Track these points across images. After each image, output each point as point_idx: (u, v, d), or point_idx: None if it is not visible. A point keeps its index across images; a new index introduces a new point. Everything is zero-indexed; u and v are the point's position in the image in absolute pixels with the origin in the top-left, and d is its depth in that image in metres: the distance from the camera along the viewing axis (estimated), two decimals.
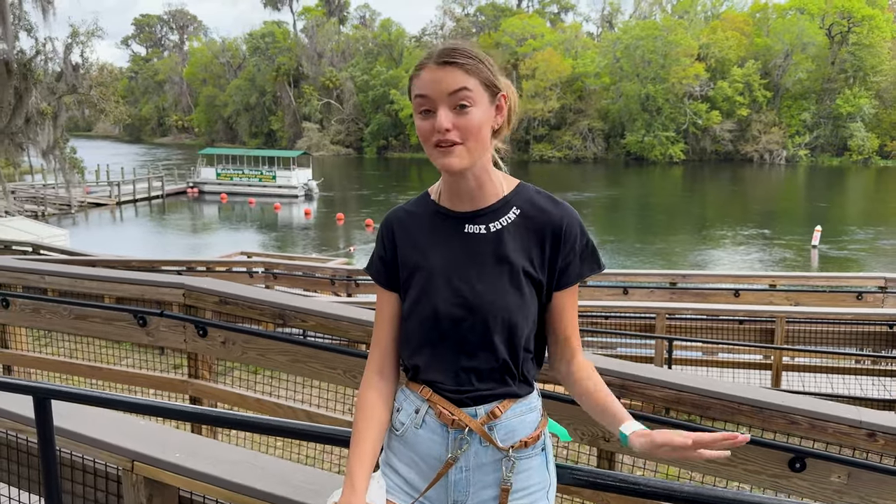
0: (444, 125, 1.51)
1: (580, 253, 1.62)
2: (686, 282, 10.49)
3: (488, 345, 1.59)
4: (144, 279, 4.61)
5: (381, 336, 1.72)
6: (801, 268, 25.92)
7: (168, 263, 14.10)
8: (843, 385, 7.61)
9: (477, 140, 1.54)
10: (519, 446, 1.61)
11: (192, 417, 2.01)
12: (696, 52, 69.18)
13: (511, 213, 1.62)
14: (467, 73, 1.52)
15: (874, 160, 67.56)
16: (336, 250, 28.57)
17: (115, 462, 2.35)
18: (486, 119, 1.56)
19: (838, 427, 3.03)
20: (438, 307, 1.60)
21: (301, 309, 4.00)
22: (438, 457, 1.62)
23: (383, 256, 1.71)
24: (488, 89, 1.56)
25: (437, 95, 1.52)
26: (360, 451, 1.61)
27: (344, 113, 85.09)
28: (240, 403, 4.35)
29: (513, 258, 1.59)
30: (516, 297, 1.58)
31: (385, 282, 1.70)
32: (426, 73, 1.54)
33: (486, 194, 1.62)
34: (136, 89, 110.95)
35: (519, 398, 1.64)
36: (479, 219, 1.62)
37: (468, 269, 1.61)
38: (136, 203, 44.91)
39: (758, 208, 42.32)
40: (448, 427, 1.61)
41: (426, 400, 1.64)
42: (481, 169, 1.60)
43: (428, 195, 1.72)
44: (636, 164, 69.75)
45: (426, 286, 1.62)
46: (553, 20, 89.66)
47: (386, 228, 1.72)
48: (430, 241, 1.65)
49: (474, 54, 1.55)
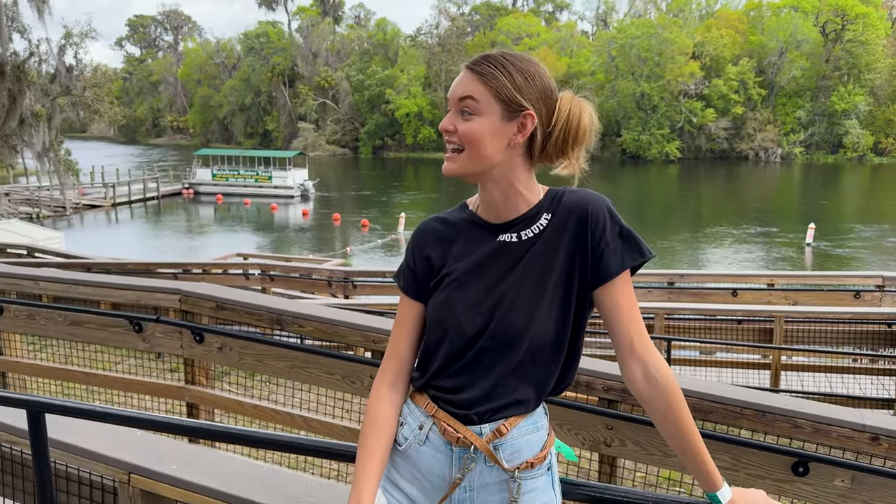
0: (444, 126, 1.54)
1: (613, 240, 1.51)
2: (684, 281, 10.47)
3: (508, 356, 1.54)
4: (140, 284, 4.57)
5: (400, 346, 1.67)
6: (798, 266, 25.95)
7: (164, 266, 14.04)
8: (841, 384, 7.61)
9: (476, 150, 1.51)
10: (525, 467, 1.57)
11: (192, 432, 1.98)
12: (690, 51, 69.26)
13: (542, 219, 1.57)
14: (483, 82, 1.50)
15: (869, 157, 67.73)
16: (333, 251, 28.51)
17: (112, 474, 2.32)
18: (491, 132, 1.50)
19: (842, 431, 3.01)
20: (463, 315, 1.56)
21: (299, 314, 3.96)
22: (441, 475, 1.58)
23: (412, 266, 1.66)
24: (503, 103, 1.50)
25: (451, 97, 1.54)
26: (369, 469, 1.57)
27: (339, 113, 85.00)
28: (237, 410, 4.32)
29: (542, 263, 1.54)
30: (545, 305, 1.53)
31: (413, 292, 1.66)
32: (458, 76, 1.56)
33: (516, 206, 1.58)
34: (131, 90, 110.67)
35: (526, 412, 1.59)
36: (513, 228, 1.58)
37: (497, 279, 1.56)
38: (132, 204, 44.78)
39: (754, 206, 42.38)
40: (452, 445, 1.57)
41: (431, 416, 1.59)
42: (506, 183, 1.56)
43: (466, 205, 1.69)
44: (632, 162, 69.82)
45: (454, 293, 1.58)
46: (548, 19, 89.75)
47: (417, 238, 1.68)
48: (462, 250, 1.61)
49: (505, 66, 1.51)
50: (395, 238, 31.46)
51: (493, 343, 1.54)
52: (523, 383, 1.56)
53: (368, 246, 30.26)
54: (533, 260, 1.55)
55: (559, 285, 1.53)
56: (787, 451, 3.05)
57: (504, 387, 1.55)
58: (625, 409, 3.40)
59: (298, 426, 4.15)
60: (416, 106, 78.50)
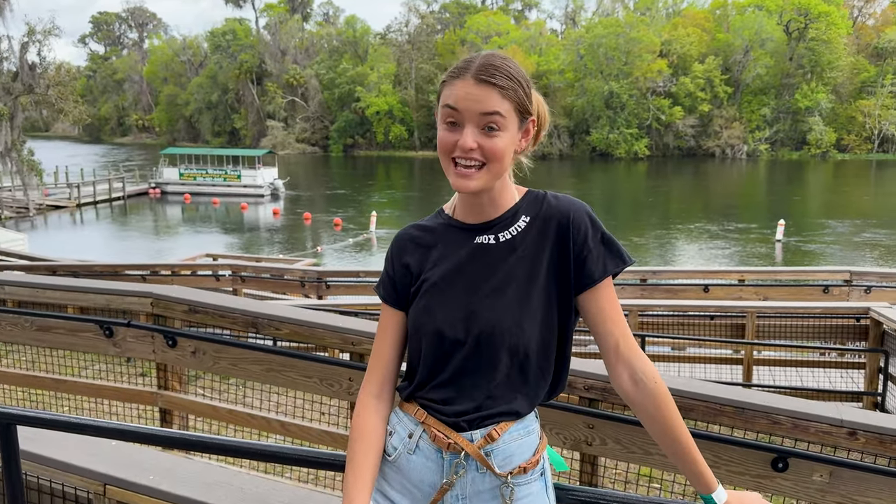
0: (469, 144, 1.46)
1: (595, 247, 1.51)
2: (656, 278, 10.57)
3: (494, 364, 1.52)
4: (110, 288, 4.46)
5: (383, 356, 1.64)
6: (768, 261, 26.38)
7: (132, 268, 13.80)
8: (812, 378, 7.73)
9: (500, 164, 1.49)
10: (518, 472, 1.54)
11: (170, 442, 1.92)
12: (658, 49, 70.06)
13: (521, 221, 1.56)
14: (504, 96, 1.46)
15: (832, 154, 69.14)
16: (304, 251, 28.29)
17: (86, 486, 2.25)
18: (512, 144, 1.50)
19: (820, 426, 3.04)
20: (443, 324, 1.53)
21: (275, 316, 3.89)
22: (433, 483, 1.55)
23: (391, 274, 1.64)
24: (520, 114, 1.50)
25: (468, 113, 1.46)
26: (360, 482, 1.53)
27: (309, 111, 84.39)
28: (211, 415, 4.24)
29: (522, 268, 1.52)
30: (527, 311, 1.51)
31: (393, 301, 1.64)
32: (461, 85, 1.47)
33: (498, 207, 1.57)
34: (95, 88, 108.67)
35: (517, 419, 1.56)
36: (490, 230, 1.57)
37: (476, 282, 1.54)
38: (97, 205, 43.96)
39: (722, 203, 43.01)
40: (443, 451, 1.53)
41: (420, 423, 1.56)
42: (499, 186, 1.55)
43: (442, 210, 1.67)
44: (601, 160, 70.40)
45: (435, 301, 1.55)
46: (517, 17, 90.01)
47: (395, 246, 1.66)
48: (441, 254, 1.59)
49: (514, 75, 1.49)
50: (367, 237, 31.31)
51: (475, 351, 1.51)
52: (514, 394, 1.54)
53: (340, 245, 30.08)
54: (514, 266, 1.53)
55: (542, 291, 1.52)
56: (767, 448, 3.08)
57: (494, 398, 1.53)
58: (605, 407, 3.41)
59: (275, 430, 4.09)
60: (387, 104, 78.25)
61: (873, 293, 8.93)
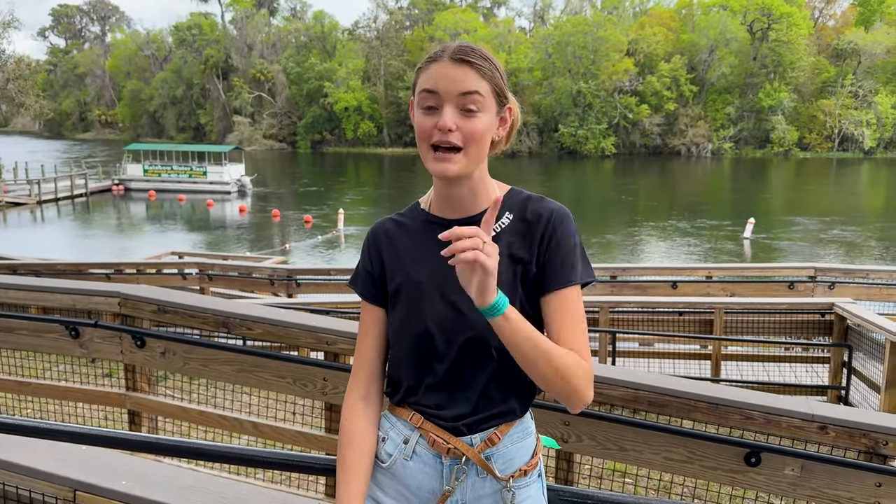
0: (448, 124, 1.41)
1: (565, 254, 1.48)
2: (626, 275, 10.67)
3: (484, 363, 1.48)
4: (76, 287, 4.34)
5: (368, 356, 1.59)
6: (735, 258, 26.81)
7: (96, 266, 13.50)
8: (778, 373, 7.86)
9: (478, 147, 1.45)
10: (518, 475, 1.52)
11: (149, 448, 1.87)
12: (625, 48, 70.79)
13: (504, 217, 1.52)
14: (481, 76, 1.44)
15: (794, 152, 70.59)
16: (272, 248, 28.01)
17: (56, 492, 2.18)
18: (491, 128, 1.47)
19: (791, 421, 3.08)
20: (432, 323, 1.49)
21: (247, 316, 3.83)
22: (432, 490, 1.51)
23: (370, 270, 1.59)
24: (497, 98, 1.48)
25: (446, 93, 1.42)
26: (354, 487, 1.50)
27: (276, 106, 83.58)
28: (182, 416, 4.16)
29: (507, 266, 1.48)
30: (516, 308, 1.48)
31: (372, 297, 1.59)
32: (438, 67, 1.44)
33: (480, 202, 1.53)
34: (56, 83, 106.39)
35: (515, 420, 1.54)
36: (473, 226, 1.53)
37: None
38: (59, 202, 42.99)
39: (689, 200, 43.59)
40: (442, 457, 1.50)
41: (417, 428, 1.52)
42: (477, 178, 1.51)
43: (418, 205, 1.62)
44: (570, 157, 70.91)
45: (417, 301, 1.51)
46: (486, 15, 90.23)
47: (372, 240, 1.60)
48: (421, 253, 1.54)
49: (490, 58, 1.46)
50: (335, 235, 31.11)
51: (465, 351, 1.48)
52: (505, 392, 1.51)
53: (309, 243, 29.84)
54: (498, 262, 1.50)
55: (523, 288, 1.49)
56: (740, 443, 3.12)
57: (487, 398, 1.50)
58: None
59: (247, 432, 4.03)
60: (356, 100, 77.84)
61: (837, 289, 9.13)
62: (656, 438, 3.20)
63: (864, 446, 3.02)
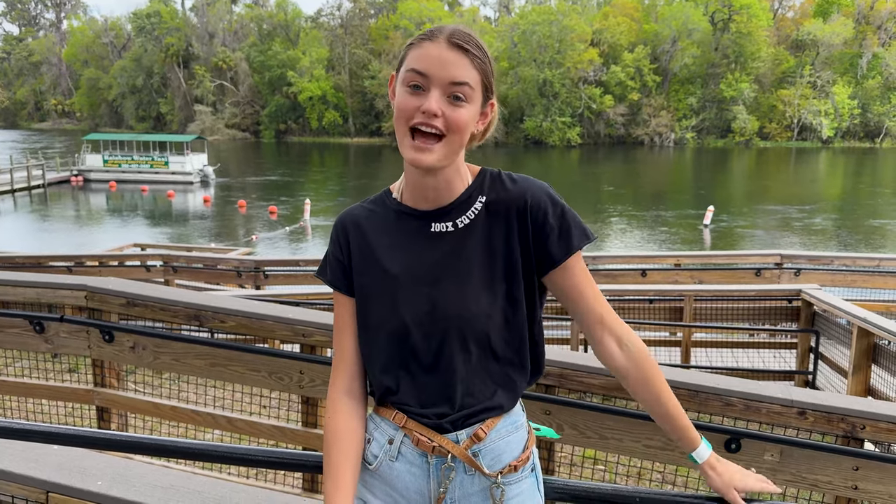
0: (433, 109, 1.35)
1: (558, 225, 1.44)
2: (595, 263, 10.71)
3: (465, 357, 1.43)
4: (40, 281, 4.19)
5: (346, 349, 1.52)
6: (695, 245, 27.18)
7: (57, 259, 13.17)
8: (746, 359, 7.98)
9: (460, 137, 1.39)
10: (508, 471, 1.47)
11: (126, 447, 1.79)
12: (589, 38, 71.23)
13: (477, 203, 1.47)
14: (474, 66, 1.38)
15: (755, 141, 71.87)
16: (237, 240, 27.61)
17: (26, 494, 2.09)
18: (473, 120, 1.42)
19: (771, 407, 3.11)
20: (408, 319, 1.43)
21: (220, 308, 3.73)
22: (419, 490, 1.47)
23: (341, 259, 1.52)
24: (484, 91, 1.42)
25: (437, 78, 1.36)
26: (341, 486, 1.44)
27: (239, 95, 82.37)
28: (153, 412, 4.05)
29: (485, 253, 1.44)
30: (494, 298, 1.43)
31: (346, 287, 1.52)
32: (432, 47, 1.37)
33: (452, 191, 1.47)
34: (10, 71, 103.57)
35: (503, 414, 1.49)
36: (446, 216, 1.46)
37: (438, 272, 1.44)
38: (15, 193, 41.81)
39: (654, 190, 44.12)
40: (428, 456, 1.46)
41: (401, 427, 1.47)
42: (453, 168, 1.45)
43: (389, 193, 1.54)
44: (536, 147, 71.24)
45: (392, 295, 1.45)
46: (451, 3, 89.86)
47: (341, 228, 1.53)
48: (393, 244, 1.48)
49: (484, 48, 1.41)
50: (301, 226, 30.79)
51: (444, 345, 1.43)
52: (493, 387, 1.47)
53: (275, 234, 29.49)
54: (474, 252, 1.45)
55: (503, 276, 1.45)
56: (720, 429, 3.13)
57: (470, 394, 1.46)
58: (562, 393, 3.40)
59: (222, 427, 3.94)
60: (320, 89, 77.08)
61: (802, 275, 9.29)
62: (636, 426, 3.20)
63: (842, 430, 3.06)
